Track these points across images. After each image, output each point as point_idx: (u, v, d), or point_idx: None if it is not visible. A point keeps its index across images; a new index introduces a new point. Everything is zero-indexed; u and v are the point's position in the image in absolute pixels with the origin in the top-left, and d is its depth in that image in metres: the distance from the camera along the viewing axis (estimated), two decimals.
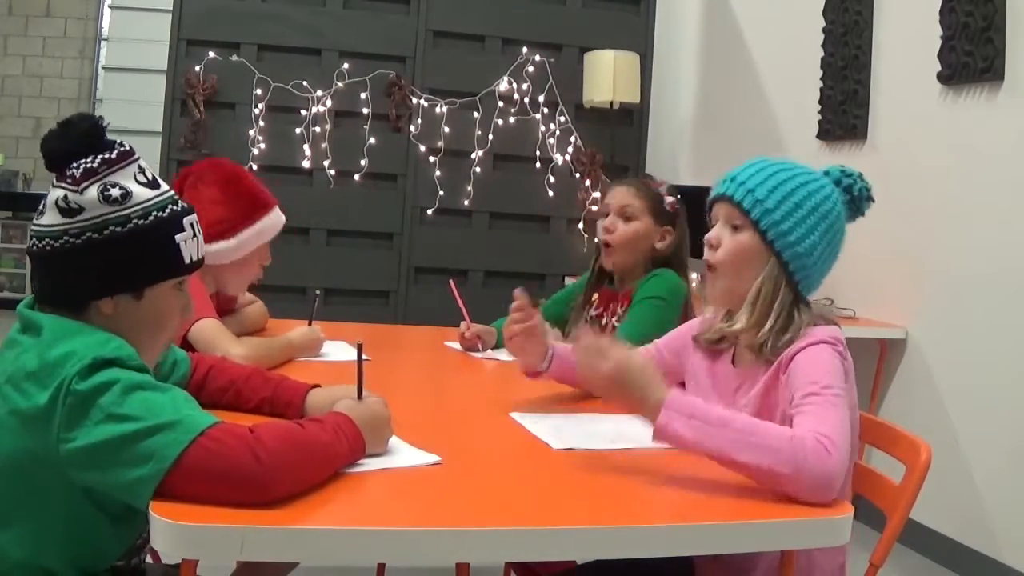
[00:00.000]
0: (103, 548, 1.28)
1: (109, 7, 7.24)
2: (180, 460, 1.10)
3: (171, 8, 4.32)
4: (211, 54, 4.29)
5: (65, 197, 1.25)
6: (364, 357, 1.45)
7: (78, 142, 1.29)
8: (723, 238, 1.56)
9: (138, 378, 1.17)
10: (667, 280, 2.24)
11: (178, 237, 1.31)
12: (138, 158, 1.32)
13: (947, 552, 3.12)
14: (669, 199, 2.34)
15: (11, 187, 7.22)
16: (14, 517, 1.20)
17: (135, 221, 1.27)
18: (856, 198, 1.61)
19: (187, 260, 1.33)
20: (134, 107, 6.46)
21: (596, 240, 2.45)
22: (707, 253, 1.59)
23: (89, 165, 1.27)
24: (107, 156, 1.28)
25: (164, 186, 1.33)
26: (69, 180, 1.26)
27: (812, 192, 1.53)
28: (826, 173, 1.61)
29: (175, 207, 1.32)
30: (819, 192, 1.54)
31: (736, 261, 1.55)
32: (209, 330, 2.00)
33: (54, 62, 7.59)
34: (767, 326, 1.51)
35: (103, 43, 7.46)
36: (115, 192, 1.26)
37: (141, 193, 1.29)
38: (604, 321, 2.36)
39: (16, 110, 7.58)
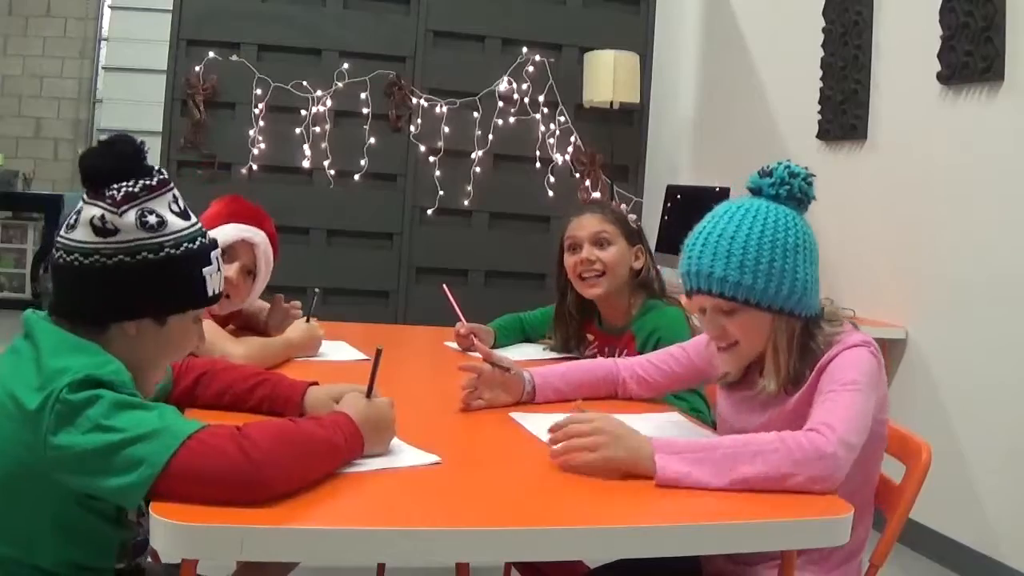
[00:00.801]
0: (101, 548, 1.28)
1: (109, 7, 7.24)
2: (168, 466, 1.11)
3: (171, 8, 4.31)
4: (211, 54, 4.29)
5: (102, 217, 1.26)
6: (365, 357, 1.45)
7: (120, 161, 1.30)
8: (725, 327, 1.54)
9: (126, 398, 1.18)
10: (671, 316, 2.23)
11: (205, 270, 1.34)
12: (173, 187, 1.34)
13: (947, 552, 3.12)
14: (632, 217, 2.35)
15: (11, 187, 7.21)
16: (9, 522, 1.20)
17: (167, 250, 1.29)
18: (800, 197, 1.55)
19: (210, 293, 1.35)
20: (134, 107, 6.48)
21: (561, 284, 2.38)
22: (716, 341, 1.57)
23: (130, 189, 1.28)
24: (148, 183, 1.30)
25: (194, 218, 1.36)
26: (108, 200, 1.27)
27: (772, 237, 1.49)
28: (759, 191, 1.56)
29: (203, 240, 1.35)
30: (775, 231, 1.50)
31: (748, 339, 1.54)
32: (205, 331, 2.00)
33: (54, 62, 7.59)
34: (791, 368, 1.51)
35: (103, 43, 7.46)
36: (152, 219, 1.28)
37: (175, 223, 1.31)
38: None
39: (16, 110, 7.58)
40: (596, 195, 4.65)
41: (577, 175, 4.69)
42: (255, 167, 4.34)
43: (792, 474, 1.31)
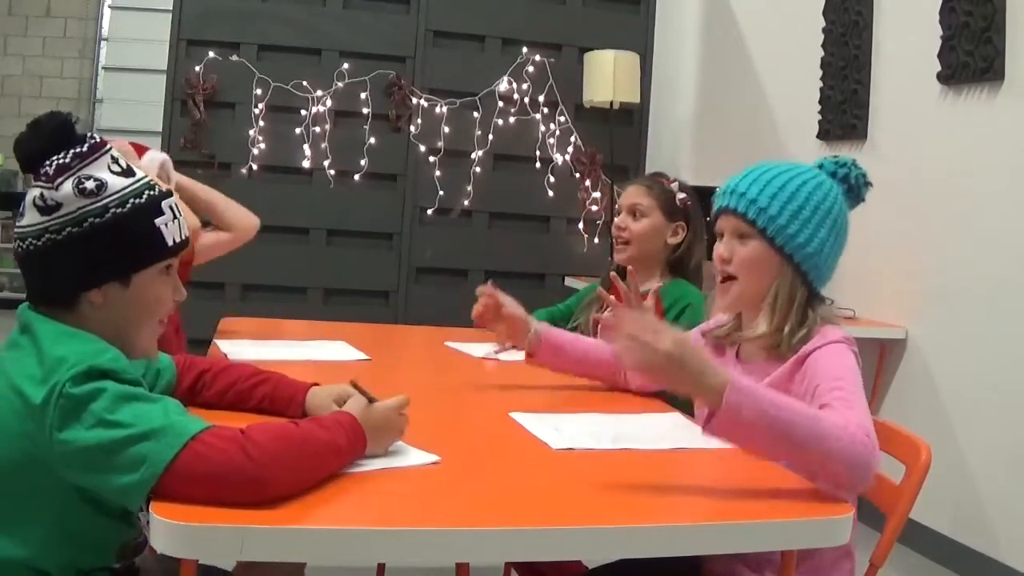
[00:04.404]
0: (103, 548, 1.28)
1: (109, 7, 7.23)
2: (172, 465, 1.11)
3: (171, 8, 4.31)
4: (211, 54, 4.29)
5: (41, 195, 1.26)
6: (365, 357, 1.45)
7: (48, 139, 1.29)
8: (733, 250, 1.59)
9: (130, 389, 1.18)
10: (697, 293, 2.26)
11: (158, 221, 1.31)
12: (110, 149, 1.32)
13: (947, 552, 3.12)
14: (680, 195, 2.38)
15: (11, 187, 7.21)
16: (11, 519, 1.20)
17: (113, 210, 1.27)
18: (853, 186, 1.64)
19: (170, 242, 1.33)
20: (134, 107, 6.46)
21: (612, 243, 2.45)
22: (719, 267, 1.62)
23: (62, 161, 1.28)
24: (78, 150, 1.29)
25: (139, 173, 1.33)
26: (43, 178, 1.27)
27: (812, 191, 1.56)
28: (820, 167, 1.63)
29: (152, 192, 1.32)
30: (819, 189, 1.57)
31: (750, 270, 1.58)
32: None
33: (54, 62, 7.59)
34: (787, 327, 1.54)
35: (103, 43, 7.46)
36: (90, 184, 1.27)
37: (116, 183, 1.29)
38: None
39: (16, 110, 7.57)
40: (596, 195, 4.64)
41: (577, 175, 4.69)
42: (255, 167, 4.34)
43: (843, 469, 1.26)
